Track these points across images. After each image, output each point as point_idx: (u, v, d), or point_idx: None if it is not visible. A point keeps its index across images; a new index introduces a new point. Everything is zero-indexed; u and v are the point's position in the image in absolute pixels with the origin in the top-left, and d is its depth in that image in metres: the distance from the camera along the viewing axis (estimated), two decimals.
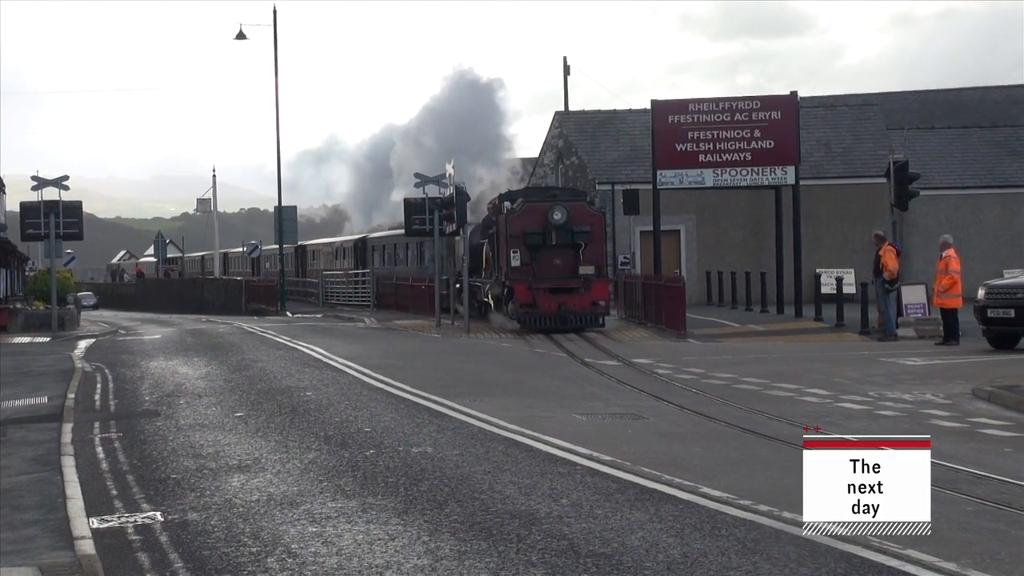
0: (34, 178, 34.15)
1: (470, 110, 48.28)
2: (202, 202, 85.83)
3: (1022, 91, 56.71)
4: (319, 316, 45.77)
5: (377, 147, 57.81)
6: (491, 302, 33.05)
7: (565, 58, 54.38)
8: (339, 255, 60.38)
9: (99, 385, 19.53)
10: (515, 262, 30.01)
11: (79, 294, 75.14)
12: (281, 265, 55.37)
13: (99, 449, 13.13)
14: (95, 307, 72.22)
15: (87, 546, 8.63)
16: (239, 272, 76.12)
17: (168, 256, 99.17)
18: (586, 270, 29.74)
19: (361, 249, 56.08)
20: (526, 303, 29.72)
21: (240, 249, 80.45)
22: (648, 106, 34.27)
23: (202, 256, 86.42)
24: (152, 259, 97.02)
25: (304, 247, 66.95)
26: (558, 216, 29.78)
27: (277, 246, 54.83)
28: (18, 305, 39.32)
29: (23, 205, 34.65)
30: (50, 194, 34.07)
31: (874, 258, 26.87)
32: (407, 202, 36.04)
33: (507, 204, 31.91)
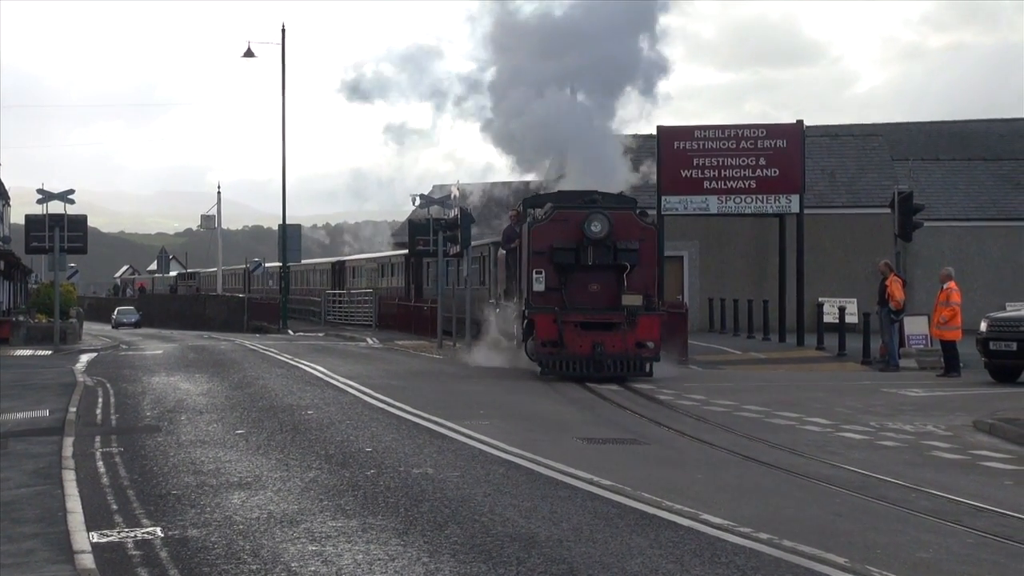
0: (39, 191, 34.24)
1: None
2: (206, 218, 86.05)
3: None
4: (321, 335, 45.83)
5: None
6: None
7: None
8: (386, 272, 56.44)
9: (100, 399, 19.53)
10: (538, 286, 23.70)
11: (120, 308, 73.91)
12: (284, 283, 55.51)
13: (100, 463, 13.13)
14: (137, 324, 68.90)
15: (87, 560, 8.62)
16: (262, 290, 74.80)
17: (186, 271, 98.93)
18: (631, 300, 23.11)
19: (415, 265, 50.81)
20: (549, 340, 23.09)
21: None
22: (654, 132, 34.34)
23: (220, 271, 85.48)
24: (159, 274, 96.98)
25: (343, 263, 64.08)
26: (597, 228, 23.30)
27: (313, 261, 54.54)
28: (20, 318, 39.37)
29: (28, 218, 34.73)
30: (55, 207, 34.16)
31: (879, 287, 26.89)
32: (411, 223, 36.13)
33: (533, 212, 25.97)
